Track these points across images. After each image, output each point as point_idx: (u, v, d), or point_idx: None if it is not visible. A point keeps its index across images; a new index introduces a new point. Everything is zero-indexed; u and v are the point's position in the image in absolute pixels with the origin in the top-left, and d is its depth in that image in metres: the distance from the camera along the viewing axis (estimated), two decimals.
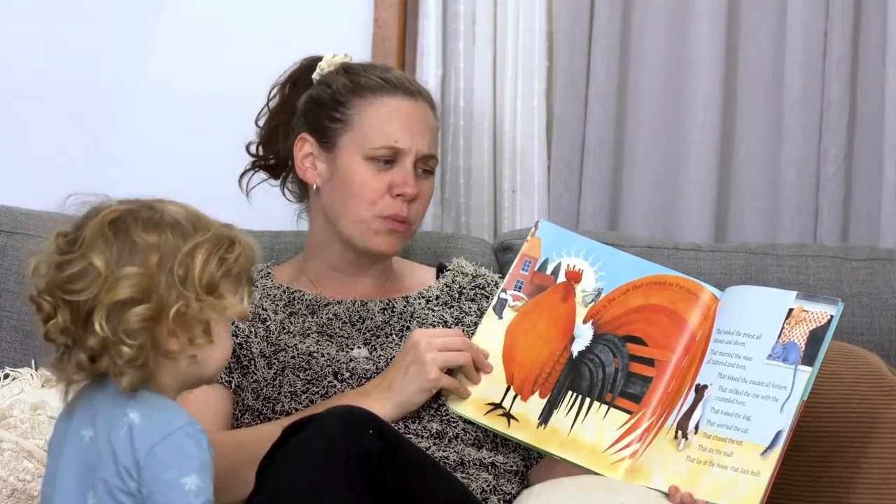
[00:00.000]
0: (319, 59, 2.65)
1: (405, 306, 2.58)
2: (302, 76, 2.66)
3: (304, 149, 2.58)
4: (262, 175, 2.71)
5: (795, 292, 2.35)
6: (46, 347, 2.67)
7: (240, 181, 2.69)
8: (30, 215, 2.79)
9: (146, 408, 1.96)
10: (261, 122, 2.69)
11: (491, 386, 2.42)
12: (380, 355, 2.52)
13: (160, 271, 1.95)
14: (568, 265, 2.48)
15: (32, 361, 2.69)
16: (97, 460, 1.95)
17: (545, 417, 2.40)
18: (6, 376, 2.63)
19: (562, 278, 2.48)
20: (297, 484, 2.07)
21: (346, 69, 2.59)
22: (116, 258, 1.95)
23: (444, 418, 2.44)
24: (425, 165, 2.56)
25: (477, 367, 2.42)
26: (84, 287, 1.94)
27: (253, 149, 2.70)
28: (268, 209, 2.72)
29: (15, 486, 2.47)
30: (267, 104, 2.68)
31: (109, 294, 1.93)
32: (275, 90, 2.68)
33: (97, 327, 1.93)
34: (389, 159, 2.52)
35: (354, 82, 2.56)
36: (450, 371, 2.41)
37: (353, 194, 2.52)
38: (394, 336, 2.55)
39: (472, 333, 2.48)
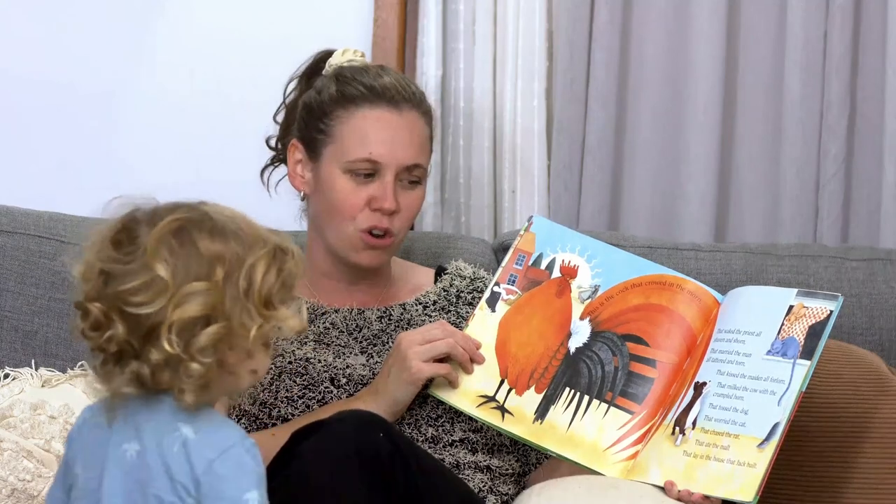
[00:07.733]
0: (332, 52, 2.62)
1: (402, 313, 2.57)
2: (316, 69, 2.63)
3: (295, 155, 2.56)
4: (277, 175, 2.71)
5: (796, 290, 2.35)
6: (50, 350, 2.69)
7: (261, 175, 2.68)
8: (30, 215, 2.79)
9: (199, 422, 1.87)
10: (279, 118, 2.66)
11: (484, 378, 2.41)
12: (376, 363, 2.51)
13: (226, 284, 1.86)
14: (563, 261, 2.47)
15: (32, 361, 2.68)
16: (147, 476, 1.86)
17: (542, 413, 2.38)
18: (6, 376, 2.62)
19: (556, 273, 2.46)
20: (316, 486, 2.07)
21: (338, 76, 2.54)
22: (184, 270, 1.85)
23: (439, 425, 2.45)
24: (410, 176, 2.51)
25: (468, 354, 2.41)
26: (147, 300, 1.83)
27: (273, 143, 2.68)
28: (267, 209, 2.71)
29: (15, 485, 2.47)
30: (284, 101, 2.66)
31: (178, 310, 1.83)
32: (292, 84, 2.66)
33: (166, 344, 1.83)
34: (369, 173, 2.49)
35: (340, 91, 2.51)
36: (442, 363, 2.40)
37: (334, 208, 2.50)
38: (391, 344, 2.53)
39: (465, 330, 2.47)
